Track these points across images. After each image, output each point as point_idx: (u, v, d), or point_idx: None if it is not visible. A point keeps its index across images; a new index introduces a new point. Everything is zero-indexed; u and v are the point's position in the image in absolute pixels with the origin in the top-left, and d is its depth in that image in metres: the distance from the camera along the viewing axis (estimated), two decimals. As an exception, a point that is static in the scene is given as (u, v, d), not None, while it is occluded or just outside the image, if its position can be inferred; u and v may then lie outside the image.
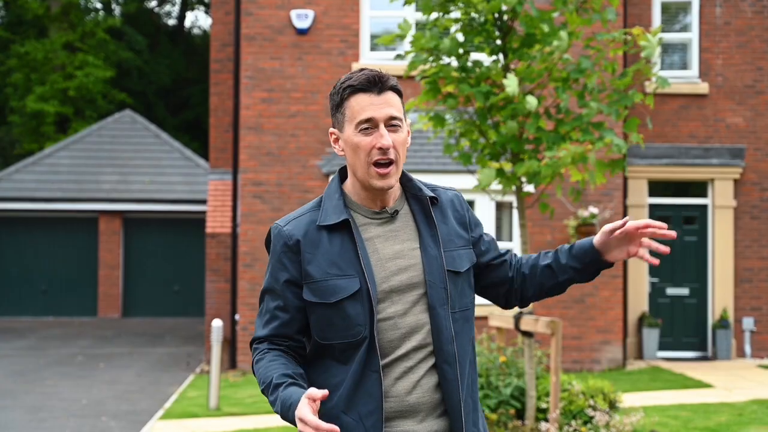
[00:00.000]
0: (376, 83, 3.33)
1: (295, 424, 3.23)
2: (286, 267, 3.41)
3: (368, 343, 3.31)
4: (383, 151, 3.31)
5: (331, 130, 3.46)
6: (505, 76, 9.57)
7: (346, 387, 3.34)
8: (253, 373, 3.49)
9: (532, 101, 8.94)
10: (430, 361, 3.35)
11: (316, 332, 3.41)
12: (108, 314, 27.47)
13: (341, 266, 3.34)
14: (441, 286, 3.38)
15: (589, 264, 3.53)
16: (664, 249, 3.42)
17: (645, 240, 3.44)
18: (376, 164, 3.33)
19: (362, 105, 3.32)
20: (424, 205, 3.48)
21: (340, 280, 3.33)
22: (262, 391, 3.40)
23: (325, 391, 3.15)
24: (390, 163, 3.33)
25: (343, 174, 3.54)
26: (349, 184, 3.48)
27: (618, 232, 3.42)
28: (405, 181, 3.51)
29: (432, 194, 3.50)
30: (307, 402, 3.12)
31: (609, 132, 9.36)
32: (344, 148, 3.40)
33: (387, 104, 3.32)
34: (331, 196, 3.46)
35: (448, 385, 3.34)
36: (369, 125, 3.32)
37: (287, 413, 3.24)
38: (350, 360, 3.34)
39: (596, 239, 3.49)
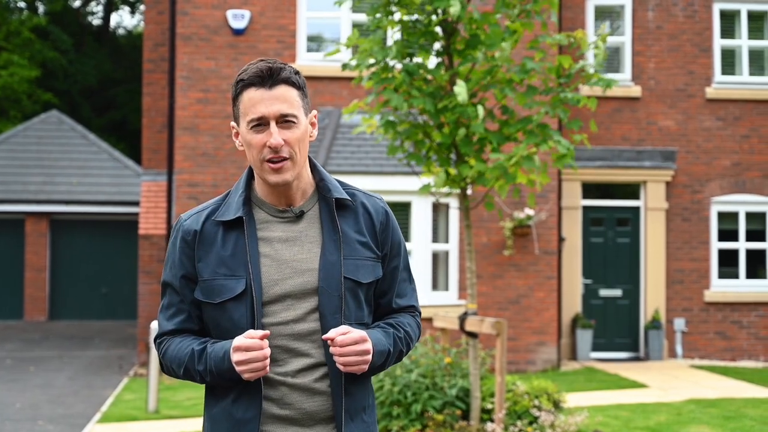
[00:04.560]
0: (266, 78, 3.17)
1: (231, 377, 3.13)
2: (183, 263, 3.29)
3: None
4: (274, 149, 3.16)
5: (232, 124, 3.31)
6: (450, 81, 9.59)
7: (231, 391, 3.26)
8: (162, 367, 3.33)
9: (480, 112, 8.98)
10: (322, 370, 3.23)
11: (209, 331, 3.32)
12: (34, 317, 27.00)
13: (231, 266, 3.23)
14: (335, 294, 3.22)
15: None
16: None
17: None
18: (269, 161, 3.18)
19: (253, 101, 3.17)
20: (330, 207, 3.31)
21: (227, 280, 3.22)
22: (184, 371, 3.24)
23: (267, 332, 3.09)
24: (283, 159, 3.18)
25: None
26: (257, 179, 3.33)
27: None
28: (318, 180, 3.36)
29: (341, 196, 3.32)
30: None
31: (555, 133, 9.42)
32: (242, 143, 3.27)
33: (278, 100, 3.16)
34: (236, 190, 3.34)
35: (334, 396, 3.22)
36: (260, 122, 3.17)
37: (222, 363, 3.14)
38: None
39: None
